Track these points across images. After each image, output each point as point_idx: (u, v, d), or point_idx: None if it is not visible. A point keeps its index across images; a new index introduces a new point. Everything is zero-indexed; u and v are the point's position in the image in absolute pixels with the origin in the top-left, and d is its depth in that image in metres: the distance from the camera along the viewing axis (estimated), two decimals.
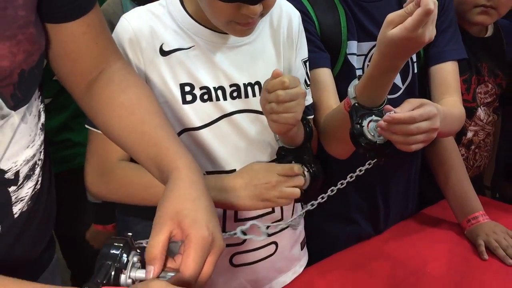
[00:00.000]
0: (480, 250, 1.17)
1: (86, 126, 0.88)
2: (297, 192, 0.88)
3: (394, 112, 0.85)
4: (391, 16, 0.82)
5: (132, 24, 0.87)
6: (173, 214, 0.61)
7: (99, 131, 0.84)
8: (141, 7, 0.92)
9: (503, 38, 1.42)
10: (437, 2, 0.79)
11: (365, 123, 0.87)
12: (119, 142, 0.76)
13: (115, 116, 0.75)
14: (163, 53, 0.88)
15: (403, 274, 1.11)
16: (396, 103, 1.05)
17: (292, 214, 1.03)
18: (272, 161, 0.96)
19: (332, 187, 0.96)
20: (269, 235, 0.92)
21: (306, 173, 0.90)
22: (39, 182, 0.77)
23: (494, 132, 1.48)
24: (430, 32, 0.80)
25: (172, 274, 0.58)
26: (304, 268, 1.12)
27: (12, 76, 0.66)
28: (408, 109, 0.86)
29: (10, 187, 0.70)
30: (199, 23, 0.89)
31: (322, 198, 0.95)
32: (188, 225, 0.61)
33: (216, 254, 0.62)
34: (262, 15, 0.84)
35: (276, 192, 0.86)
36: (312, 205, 0.96)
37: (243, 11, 0.80)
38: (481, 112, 1.40)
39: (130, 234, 0.61)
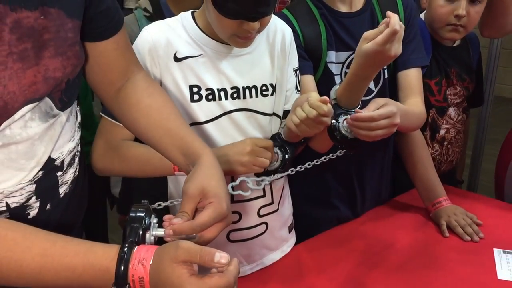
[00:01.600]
0: (442, 229, 1.35)
1: (101, 114, 1.05)
2: (266, 162, 1.04)
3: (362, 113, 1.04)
4: (366, 33, 1.02)
5: (152, 35, 1.05)
6: (200, 188, 0.79)
7: (110, 119, 1.02)
8: (160, 21, 1.10)
9: (470, 48, 1.61)
10: (403, 26, 1.00)
11: (340, 120, 1.06)
12: (145, 136, 0.94)
13: (143, 115, 0.92)
14: (176, 59, 1.06)
15: (376, 250, 1.29)
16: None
17: (280, 199, 1.21)
18: None
19: (309, 162, 1.14)
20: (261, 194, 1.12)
21: (280, 155, 1.07)
22: (77, 170, 0.94)
23: (464, 130, 1.67)
24: (395, 48, 1.01)
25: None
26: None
27: (61, 84, 0.83)
28: (373, 108, 1.04)
29: (57, 172, 0.87)
30: (207, 35, 1.07)
31: (300, 168, 1.12)
32: (212, 196, 0.78)
33: (225, 224, 0.80)
34: (259, 31, 1.03)
35: (251, 158, 1.02)
36: (292, 170, 1.13)
37: (244, 27, 0.98)
38: (451, 111, 1.57)
39: (146, 201, 0.77)
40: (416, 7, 1.40)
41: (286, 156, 1.10)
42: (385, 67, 1.34)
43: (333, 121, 1.06)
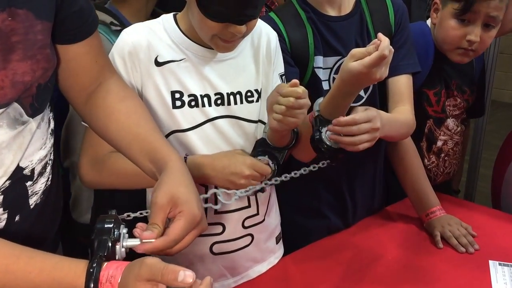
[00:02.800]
0: (436, 240, 1.30)
1: (82, 123, 1.00)
2: (257, 186, 1.01)
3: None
4: (354, 51, 0.98)
5: (132, 38, 1.01)
6: (169, 196, 0.75)
7: None
8: (141, 23, 1.06)
9: (473, 61, 1.52)
10: (393, 50, 0.96)
11: (323, 130, 1.02)
12: (114, 142, 0.90)
13: (113, 120, 0.89)
14: (158, 64, 1.02)
15: (367, 261, 1.24)
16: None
17: (267, 210, 1.17)
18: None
19: (286, 174, 1.08)
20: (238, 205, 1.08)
21: (271, 165, 1.03)
22: (49, 179, 0.90)
23: (462, 141, 1.61)
24: (381, 72, 0.97)
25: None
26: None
27: (31, 89, 0.80)
28: (353, 116, 1.01)
29: (27, 182, 0.83)
30: (190, 39, 1.03)
31: (276, 180, 1.07)
32: (182, 203, 0.75)
33: (199, 231, 0.76)
34: (244, 35, 0.98)
35: (247, 183, 0.99)
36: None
37: (230, 30, 0.94)
38: (450, 122, 1.51)
39: (114, 210, 0.73)
40: (407, 13, 1.36)
41: (277, 166, 1.05)
42: None
43: (317, 132, 1.02)
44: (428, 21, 1.49)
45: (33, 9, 0.77)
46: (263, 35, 1.12)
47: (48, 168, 0.90)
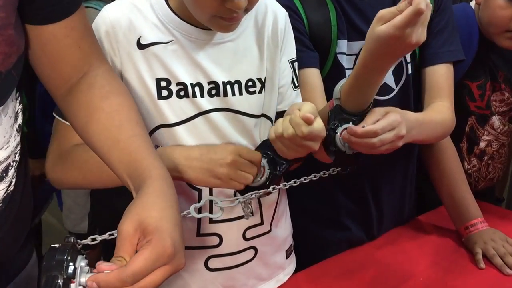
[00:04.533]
0: (477, 259, 1.12)
1: (54, 114, 0.86)
2: (249, 177, 0.83)
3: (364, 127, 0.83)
4: (381, 12, 0.81)
5: (110, 16, 0.86)
6: (137, 223, 0.59)
7: (63, 120, 0.84)
8: None
9: None
10: (431, 5, 0.78)
11: (339, 130, 0.85)
12: (94, 146, 0.74)
13: (93, 120, 0.73)
14: (140, 46, 0.86)
15: (395, 283, 1.07)
16: (389, 104, 1.04)
17: (273, 219, 1.00)
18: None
19: (295, 179, 0.93)
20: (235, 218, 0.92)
21: (267, 170, 0.86)
22: (12, 184, 0.75)
23: (509, 143, 1.43)
24: (418, 35, 0.79)
25: None
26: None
27: None
28: (372, 120, 0.85)
29: None
30: (180, 18, 0.87)
31: (285, 185, 0.92)
32: (151, 232, 0.58)
33: (172, 269, 0.58)
34: (246, 10, 0.82)
35: (231, 171, 0.82)
36: (273, 188, 0.90)
37: (227, 5, 0.78)
38: (495, 121, 1.34)
39: (72, 237, 0.58)
40: None
41: (275, 173, 0.88)
42: (409, 59, 1.12)
43: (331, 130, 0.85)
44: (472, 3, 1.31)
45: None
46: (269, 13, 0.95)
47: (11, 172, 0.75)
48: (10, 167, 0.74)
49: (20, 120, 0.77)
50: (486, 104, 1.32)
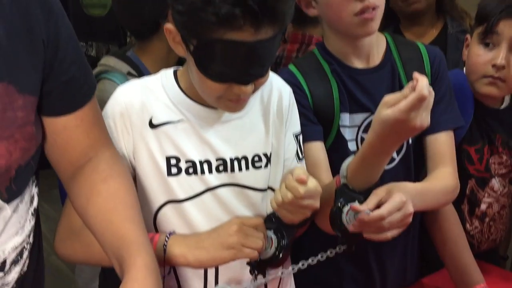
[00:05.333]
0: None
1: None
2: (259, 242, 0.86)
3: (369, 212, 0.85)
4: (387, 97, 0.85)
5: (124, 98, 0.92)
6: None
7: None
8: (137, 80, 0.97)
9: None
10: (433, 92, 0.83)
11: (345, 209, 0.88)
12: (91, 228, 0.79)
13: (91, 203, 0.77)
14: (152, 126, 0.91)
15: None
16: (391, 174, 1.07)
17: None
18: None
19: (303, 261, 0.95)
20: None
21: (274, 240, 0.89)
22: (26, 265, 0.79)
23: (510, 204, 1.43)
24: (422, 119, 0.83)
25: None
26: None
27: (9, 172, 0.69)
28: (374, 202, 0.87)
29: None
30: (190, 98, 0.92)
31: (293, 269, 0.95)
32: None
33: None
34: (254, 91, 0.87)
35: (240, 238, 0.85)
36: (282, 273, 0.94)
37: (234, 90, 0.83)
38: (495, 183, 1.35)
39: None
40: (445, 62, 1.21)
41: (283, 241, 0.91)
42: None
43: (337, 209, 0.89)
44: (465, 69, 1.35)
45: (14, 82, 0.68)
46: (274, 91, 1.00)
47: (25, 254, 0.78)
48: (24, 250, 0.78)
49: (35, 203, 0.81)
50: (485, 167, 1.33)
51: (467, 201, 1.34)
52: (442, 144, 1.14)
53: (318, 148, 1.08)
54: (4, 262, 0.74)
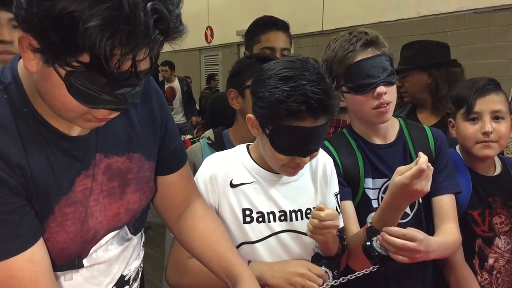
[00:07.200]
0: None
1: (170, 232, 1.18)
2: (315, 287, 1.12)
3: None
4: (399, 168, 1.18)
5: (212, 165, 1.23)
6: None
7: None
8: (220, 152, 1.29)
9: None
10: (432, 168, 1.13)
11: (374, 239, 1.18)
12: (197, 255, 1.07)
13: (197, 238, 1.07)
14: (232, 186, 1.23)
15: None
16: (405, 227, 1.34)
17: None
18: None
19: (343, 277, 1.20)
20: None
21: (329, 272, 1.17)
22: (139, 282, 1.09)
23: None
24: (422, 185, 1.14)
25: None
26: None
27: (136, 214, 1.01)
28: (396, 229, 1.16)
29: (125, 287, 1.02)
30: (259, 165, 1.24)
31: (343, 279, 1.19)
32: None
33: None
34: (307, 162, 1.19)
35: (302, 280, 1.12)
36: None
37: (296, 161, 1.15)
38: (499, 241, 1.50)
39: None
40: (446, 140, 1.51)
41: (336, 272, 1.18)
42: None
43: (368, 240, 1.18)
44: (457, 148, 1.60)
45: (144, 153, 0.99)
46: (320, 161, 1.32)
47: (140, 273, 1.09)
48: (139, 271, 1.08)
49: (143, 238, 1.12)
50: (489, 227, 1.50)
51: (477, 256, 1.51)
52: (446, 204, 1.42)
53: (348, 206, 1.37)
54: (129, 278, 1.04)
